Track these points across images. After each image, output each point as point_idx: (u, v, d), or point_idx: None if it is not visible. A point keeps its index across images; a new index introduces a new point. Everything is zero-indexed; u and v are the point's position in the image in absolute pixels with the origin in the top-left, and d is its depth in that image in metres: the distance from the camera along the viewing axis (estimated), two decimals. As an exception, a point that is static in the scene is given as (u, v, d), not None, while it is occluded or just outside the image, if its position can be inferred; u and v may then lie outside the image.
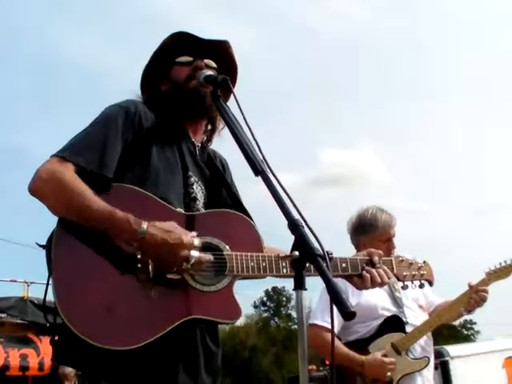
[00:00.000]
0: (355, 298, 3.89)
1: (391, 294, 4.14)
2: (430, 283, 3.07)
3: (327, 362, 7.01)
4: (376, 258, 2.71)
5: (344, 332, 4.03)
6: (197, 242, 2.28)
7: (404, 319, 4.05)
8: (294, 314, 46.62)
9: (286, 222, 1.92)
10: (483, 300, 4.06)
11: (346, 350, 3.92)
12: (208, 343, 2.51)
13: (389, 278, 2.73)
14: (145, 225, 2.22)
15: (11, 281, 8.71)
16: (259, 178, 2.08)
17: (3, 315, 6.20)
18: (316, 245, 1.86)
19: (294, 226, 1.90)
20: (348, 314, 1.69)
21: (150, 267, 2.22)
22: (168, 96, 2.66)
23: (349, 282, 2.74)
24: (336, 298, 1.71)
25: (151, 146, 2.49)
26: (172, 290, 2.28)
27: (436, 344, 5.91)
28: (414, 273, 2.95)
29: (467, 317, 4.37)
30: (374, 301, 4.02)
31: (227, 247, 2.41)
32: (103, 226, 2.23)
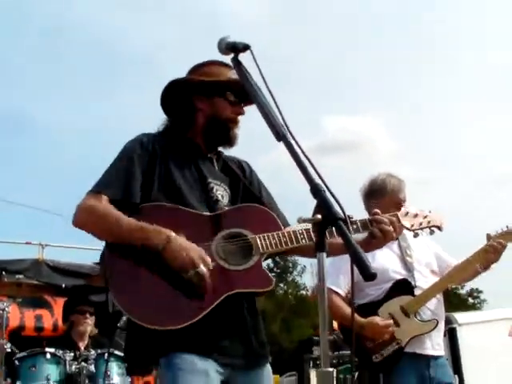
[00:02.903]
0: None
1: (402, 258, 4.25)
2: (439, 228, 3.18)
3: (334, 327, 7.11)
4: (378, 216, 2.85)
5: (355, 295, 4.10)
6: (209, 260, 2.65)
7: (413, 283, 4.14)
8: (299, 279, 47.03)
9: (308, 187, 2.01)
10: (499, 252, 4.12)
11: (348, 313, 4.03)
12: (250, 314, 2.87)
13: (398, 228, 2.88)
14: (172, 236, 2.63)
15: (26, 243, 8.83)
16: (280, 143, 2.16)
17: (20, 276, 6.33)
18: (337, 208, 1.94)
19: (316, 191, 1.99)
20: (369, 275, 1.77)
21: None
22: (205, 120, 3.01)
23: (367, 246, 2.84)
24: (357, 259, 1.79)
25: (169, 165, 2.89)
26: (211, 275, 2.63)
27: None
28: (420, 221, 3.09)
29: (473, 285, 4.44)
30: (386, 264, 4.13)
31: (249, 233, 2.78)
32: (138, 238, 2.64)
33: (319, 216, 1.97)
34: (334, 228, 1.96)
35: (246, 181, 3.11)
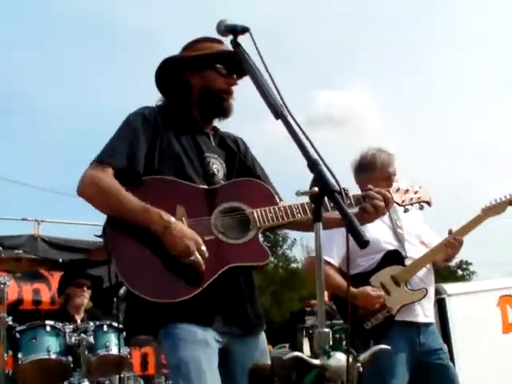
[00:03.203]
0: None
1: (393, 229, 4.37)
2: (429, 204, 3.33)
3: (326, 298, 7.24)
4: (371, 192, 3.00)
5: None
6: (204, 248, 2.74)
7: (404, 253, 4.28)
8: (290, 253, 47.20)
9: (306, 162, 2.13)
10: (457, 248, 4.33)
11: (341, 283, 4.18)
12: (247, 286, 3.00)
13: (389, 204, 3.03)
14: (172, 224, 2.72)
15: (22, 219, 8.92)
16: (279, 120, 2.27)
17: (20, 251, 6.43)
18: (333, 181, 2.07)
19: (313, 165, 2.11)
20: (363, 243, 1.91)
21: None
22: (199, 93, 3.10)
23: (359, 221, 2.97)
24: (352, 227, 1.93)
25: (169, 138, 2.98)
26: (210, 249, 2.76)
27: (434, 283, 6.09)
28: (411, 196, 3.23)
29: (463, 257, 4.59)
30: (378, 236, 4.24)
31: (247, 207, 2.88)
32: (138, 221, 2.74)
33: (316, 189, 2.09)
34: (330, 199, 2.09)
35: (241, 156, 3.21)
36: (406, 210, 3.28)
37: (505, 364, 7.23)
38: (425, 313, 4.29)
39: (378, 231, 4.24)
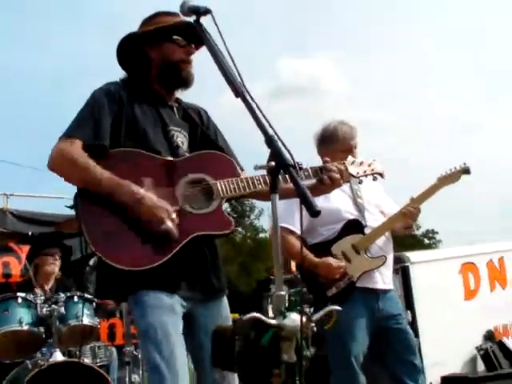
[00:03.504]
0: (320, 202, 4.17)
1: (354, 199, 4.51)
2: (382, 175, 3.52)
3: (293, 268, 7.40)
4: (328, 164, 3.19)
5: (309, 235, 4.42)
6: (175, 216, 2.89)
7: (363, 222, 4.42)
8: (257, 222, 47.36)
9: (263, 138, 2.29)
10: (415, 215, 4.49)
11: (305, 252, 4.29)
12: (210, 254, 3.15)
13: (345, 176, 3.23)
14: (141, 194, 2.86)
15: (-11, 193, 8.90)
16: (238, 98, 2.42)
17: (-12, 225, 6.49)
18: (288, 156, 2.24)
19: (270, 141, 2.27)
20: (315, 212, 2.08)
21: None
22: (159, 66, 3.20)
23: (316, 191, 3.18)
24: (304, 198, 2.10)
25: (134, 111, 3.08)
26: (177, 218, 2.89)
27: (398, 252, 6.25)
28: (365, 169, 3.41)
29: (429, 226, 4.77)
30: (339, 205, 4.40)
31: (210, 178, 3.01)
32: (111, 194, 2.86)
33: (273, 163, 2.25)
34: (285, 173, 2.24)
35: (204, 128, 3.33)
36: (360, 182, 3.48)
37: (466, 330, 7.46)
38: (384, 280, 4.44)
39: (339, 201, 4.40)
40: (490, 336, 7.73)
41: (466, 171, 4.46)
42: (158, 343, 2.82)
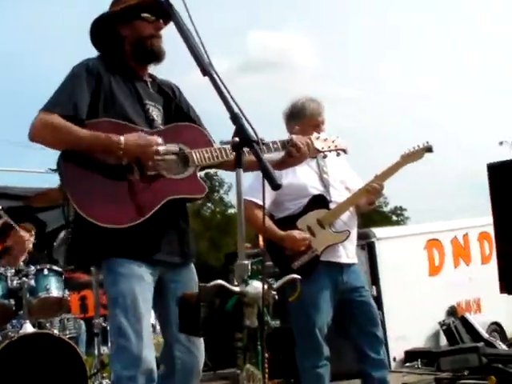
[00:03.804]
0: (289, 177, 4.37)
1: (320, 175, 4.62)
2: (345, 151, 3.68)
3: (261, 242, 7.52)
4: (295, 138, 3.36)
5: (276, 209, 4.56)
6: (160, 140, 3.08)
7: (328, 198, 4.54)
8: (227, 198, 47.39)
9: (229, 115, 2.41)
10: (379, 191, 4.62)
11: (269, 225, 4.44)
12: (182, 220, 3.31)
13: (311, 150, 3.41)
14: (122, 137, 3.01)
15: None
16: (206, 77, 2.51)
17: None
18: (251, 133, 2.37)
19: (235, 118, 2.39)
20: (276, 186, 2.21)
21: (134, 169, 3.05)
22: (131, 43, 3.33)
23: (285, 164, 3.39)
24: (266, 172, 2.23)
25: (112, 86, 3.21)
26: (154, 183, 3.08)
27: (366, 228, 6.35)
28: (329, 145, 3.56)
29: (397, 203, 4.88)
30: (305, 181, 4.53)
31: (186, 148, 3.16)
32: (93, 147, 3.02)
33: (237, 139, 2.38)
34: (248, 148, 2.36)
35: (177, 101, 3.47)
36: (324, 156, 3.64)
37: (430, 306, 7.65)
38: (347, 254, 4.57)
39: (305, 177, 4.53)
40: (452, 311, 7.96)
41: (429, 149, 4.58)
42: (126, 310, 2.97)
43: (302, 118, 4.64)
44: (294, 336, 4.57)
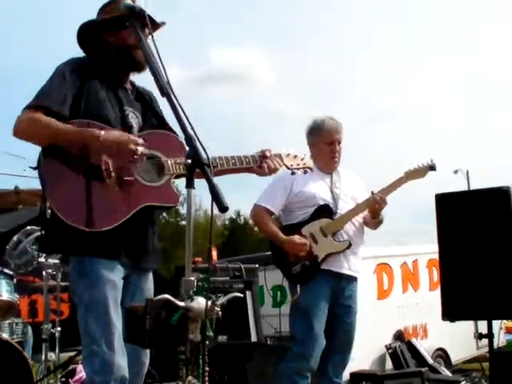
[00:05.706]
0: (299, 186, 4.79)
1: (331, 188, 4.90)
2: (311, 169, 3.82)
3: (214, 256, 7.62)
4: (267, 153, 3.50)
5: (286, 216, 4.94)
6: (141, 141, 3.14)
7: (334, 209, 4.81)
8: (182, 210, 47.24)
9: (183, 137, 2.54)
10: (379, 203, 4.79)
11: (274, 230, 4.84)
12: (152, 227, 3.38)
13: (280, 166, 3.56)
14: (102, 131, 3.06)
15: None
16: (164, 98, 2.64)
17: None
18: (203, 155, 2.48)
19: (189, 140, 2.51)
20: (222, 208, 2.34)
21: (112, 173, 3.06)
22: (115, 51, 3.38)
23: (251, 171, 3.51)
24: (214, 194, 2.34)
25: (95, 89, 3.27)
26: (130, 188, 3.12)
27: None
28: (298, 162, 3.71)
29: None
30: (315, 192, 4.83)
31: (162, 155, 3.23)
32: (72, 138, 3.07)
33: (189, 161, 2.48)
34: (200, 170, 2.46)
35: (153, 109, 3.55)
36: (293, 173, 3.75)
37: (377, 329, 7.72)
38: (349, 266, 4.83)
39: (316, 188, 4.84)
40: (399, 336, 8.03)
41: (432, 168, 4.81)
42: (97, 318, 3.02)
43: (319, 134, 4.95)
44: (293, 333, 4.86)
